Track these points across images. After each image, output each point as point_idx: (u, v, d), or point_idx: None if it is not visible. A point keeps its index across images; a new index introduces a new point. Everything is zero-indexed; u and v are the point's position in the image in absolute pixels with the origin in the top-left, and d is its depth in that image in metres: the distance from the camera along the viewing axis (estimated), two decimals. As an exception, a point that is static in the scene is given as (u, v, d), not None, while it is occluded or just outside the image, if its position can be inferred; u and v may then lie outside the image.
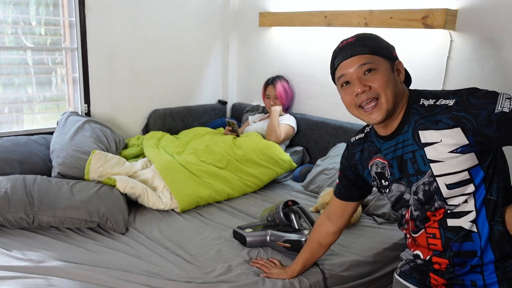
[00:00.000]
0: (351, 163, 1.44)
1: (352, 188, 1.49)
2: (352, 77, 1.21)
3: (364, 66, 1.19)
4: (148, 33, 3.18)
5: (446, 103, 1.14)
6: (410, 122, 1.21)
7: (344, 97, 1.27)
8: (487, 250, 1.18)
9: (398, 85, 1.21)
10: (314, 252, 1.66)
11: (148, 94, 3.29)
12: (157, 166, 2.48)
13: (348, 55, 1.21)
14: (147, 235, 2.03)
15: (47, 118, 2.95)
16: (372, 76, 1.19)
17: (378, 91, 1.19)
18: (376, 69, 1.19)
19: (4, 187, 2.04)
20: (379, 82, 1.18)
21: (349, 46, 1.22)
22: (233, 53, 3.66)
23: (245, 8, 3.52)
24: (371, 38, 1.23)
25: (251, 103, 3.59)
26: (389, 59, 1.21)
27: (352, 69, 1.20)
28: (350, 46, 1.22)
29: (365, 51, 1.19)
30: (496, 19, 2.24)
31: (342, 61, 1.23)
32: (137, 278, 1.66)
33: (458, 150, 1.13)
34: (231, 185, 2.57)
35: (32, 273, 1.65)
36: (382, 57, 1.20)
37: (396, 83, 1.21)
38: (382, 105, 1.19)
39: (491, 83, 2.28)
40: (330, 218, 1.58)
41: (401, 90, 1.22)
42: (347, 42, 1.24)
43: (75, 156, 2.40)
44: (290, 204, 1.97)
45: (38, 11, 2.78)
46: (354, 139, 1.45)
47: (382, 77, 1.18)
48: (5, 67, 2.72)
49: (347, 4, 2.83)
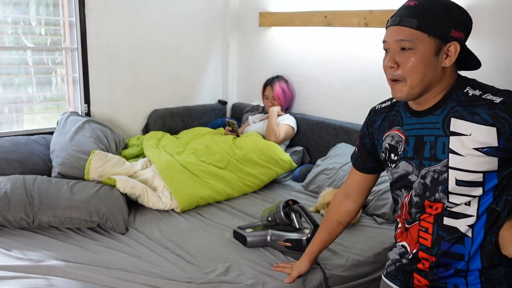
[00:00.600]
0: (369, 130, 1.38)
1: (369, 159, 1.42)
2: (390, 46, 1.16)
3: (402, 42, 1.12)
4: (148, 33, 3.18)
5: (492, 98, 1.09)
6: (446, 106, 1.14)
7: (383, 60, 1.20)
8: (476, 257, 1.16)
9: (436, 69, 1.12)
10: (332, 232, 1.59)
11: (148, 94, 3.29)
12: (157, 166, 2.48)
13: (396, 21, 1.13)
14: (147, 235, 2.03)
15: (47, 118, 2.95)
16: (406, 55, 1.12)
17: (404, 73, 1.13)
18: (413, 49, 1.11)
19: (4, 187, 2.04)
20: (410, 65, 1.12)
21: (405, 10, 1.14)
22: (233, 53, 3.66)
23: (245, 8, 3.52)
24: (431, 9, 1.10)
25: (251, 103, 3.59)
26: (440, 38, 1.10)
27: (392, 39, 1.14)
28: (406, 10, 1.13)
29: (413, 24, 1.10)
30: (496, 19, 2.24)
31: (391, 25, 1.15)
32: (137, 278, 1.66)
33: (484, 149, 1.08)
34: (231, 185, 2.57)
35: (32, 273, 1.65)
36: (429, 36, 1.10)
37: (434, 68, 1.12)
38: (404, 88, 1.14)
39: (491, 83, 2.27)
40: (349, 196, 1.51)
41: (438, 75, 1.13)
42: (408, 3, 1.15)
43: (75, 156, 2.40)
44: (290, 203, 1.97)
45: (38, 11, 2.78)
46: (379, 106, 1.37)
47: (415, 60, 1.11)
48: (5, 67, 2.72)
49: (347, 4, 2.83)
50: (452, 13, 1.11)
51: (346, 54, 2.90)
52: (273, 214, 1.97)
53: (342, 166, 2.64)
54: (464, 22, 1.13)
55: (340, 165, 2.65)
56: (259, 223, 2.08)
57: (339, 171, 2.63)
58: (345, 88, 2.94)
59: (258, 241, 1.95)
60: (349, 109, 2.93)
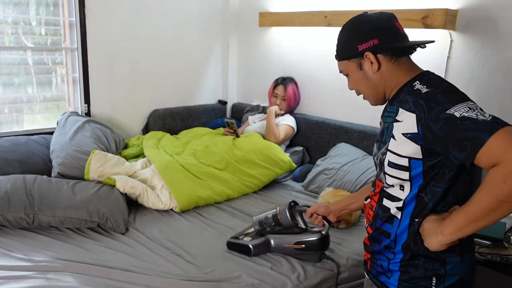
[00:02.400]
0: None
1: None
2: None
3: (341, 73, 1.36)
4: (148, 33, 3.18)
5: (422, 88, 1.18)
6: (399, 97, 1.25)
7: None
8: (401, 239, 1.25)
9: (371, 77, 1.28)
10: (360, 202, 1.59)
11: (148, 94, 3.29)
12: (157, 166, 2.48)
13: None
14: (147, 235, 2.03)
15: (47, 118, 2.95)
16: (350, 80, 1.35)
17: (358, 92, 1.36)
18: (348, 73, 1.33)
19: (4, 187, 2.05)
20: (355, 85, 1.34)
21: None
22: (233, 53, 3.66)
23: (245, 8, 3.52)
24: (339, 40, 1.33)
25: (251, 103, 3.59)
26: (354, 57, 1.28)
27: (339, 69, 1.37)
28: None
29: (336, 58, 1.35)
30: (496, 19, 2.24)
31: None
32: (137, 278, 1.66)
33: (407, 135, 1.16)
34: (231, 186, 2.57)
35: (32, 273, 1.65)
36: (348, 60, 1.30)
37: (368, 77, 1.28)
38: (368, 99, 1.36)
39: (491, 83, 2.28)
40: None
41: (378, 79, 1.28)
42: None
43: (75, 156, 2.40)
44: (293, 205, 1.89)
45: (38, 11, 2.78)
46: None
47: (355, 81, 1.33)
48: (5, 67, 2.72)
49: (347, 4, 2.83)
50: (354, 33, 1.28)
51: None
52: (272, 217, 1.87)
53: (342, 166, 2.64)
54: (369, 31, 1.25)
55: (340, 165, 2.65)
56: (249, 229, 1.98)
57: (339, 171, 2.63)
58: (345, 88, 2.90)
59: (263, 249, 1.88)
60: (349, 109, 2.93)
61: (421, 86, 1.19)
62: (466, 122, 1.04)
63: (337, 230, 2.17)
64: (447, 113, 1.07)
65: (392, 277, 1.28)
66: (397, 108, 1.21)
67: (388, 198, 1.27)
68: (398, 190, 1.24)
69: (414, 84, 1.21)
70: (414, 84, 1.21)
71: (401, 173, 1.21)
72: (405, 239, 1.24)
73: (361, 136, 2.79)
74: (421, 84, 1.20)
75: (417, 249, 1.22)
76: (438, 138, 1.09)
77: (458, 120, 1.05)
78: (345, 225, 2.21)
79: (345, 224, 2.21)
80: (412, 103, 1.15)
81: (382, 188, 1.30)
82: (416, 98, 1.15)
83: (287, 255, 1.87)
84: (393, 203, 1.26)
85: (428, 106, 1.11)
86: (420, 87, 1.19)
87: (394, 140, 1.21)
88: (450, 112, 1.07)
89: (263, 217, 1.91)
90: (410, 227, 1.22)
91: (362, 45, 1.25)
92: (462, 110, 1.06)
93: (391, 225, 1.26)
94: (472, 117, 1.05)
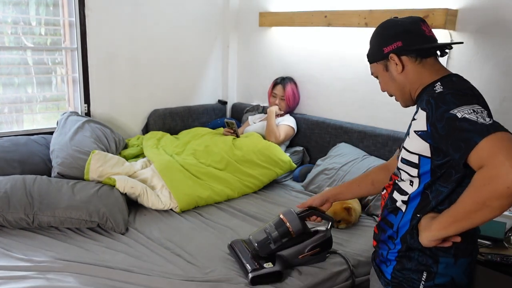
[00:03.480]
0: None
1: None
2: None
3: (372, 75, 1.43)
4: (148, 33, 3.18)
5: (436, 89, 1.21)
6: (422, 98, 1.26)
7: None
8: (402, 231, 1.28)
9: (396, 79, 1.34)
10: (362, 187, 1.63)
11: (148, 94, 3.29)
12: (157, 166, 2.48)
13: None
14: (147, 235, 2.03)
15: (47, 118, 2.95)
16: (380, 81, 1.41)
17: (388, 92, 1.41)
18: (378, 75, 1.40)
19: (4, 187, 2.04)
20: (382, 87, 1.41)
21: None
22: (233, 53, 3.66)
23: (245, 8, 3.52)
24: (370, 44, 1.40)
25: (251, 103, 3.59)
26: (380, 59, 1.35)
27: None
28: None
29: (368, 60, 1.41)
30: (496, 19, 2.24)
31: None
32: (137, 278, 1.66)
33: (419, 132, 1.20)
34: (231, 186, 2.57)
35: (32, 273, 1.65)
36: (376, 63, 1.37)
37: (393, 78, 1.34)
38: (398, 100, 1.40)
39: (491, 83, 2.28)
40: (390, 168, 1.54)
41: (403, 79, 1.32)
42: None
43: (74, 156, 2.40)
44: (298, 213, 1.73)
45: (38, 11, 2.78)
46: None
47: (383, 82, 1.39)
48: (5, 67, 2.72)
49: (347, 4, 2.83)
50: (380, 36, 1.36)
51: (346, 54, 2.90)
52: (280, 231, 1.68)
53: (342, 166, 2.64)
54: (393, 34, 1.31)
55: (340, 165, 2.65)
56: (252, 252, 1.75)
57: (339, 171, 2.63)
58: (345, 88, 2.94)
59: (287, 270, 1.72)
60: (349, 109, 2.93)
61: (440, 87, 1.21)
62: (465, 123, 1.06)
63: (337, 231, 2.17)
64: (450, 113, 1.09)
65: (390, 266, 1.33)
66: (417, 107, 1.26)
67: (398, 191, 1.32)
68: (408, 185, 1.28)
69: (435, 85, 1.24)
70: (435, 85, 1.23)
71: (411, 170, 1.25)
72: (405, 231, 1.28)
73: (361, 136, 2.79)
74: (441, 85, 1.22)
75: (413, 242, 1.25)
76: (441, 136, 1.11)
77: (458, 121, 1.07)
78: (345, 225, 2.21)
79: (345, 224, 2.21)
80: (426, 102, 1.18)
81: (395, 181, 1.35)
82: (429, 98, 1.18)
83: (301, 265, 1.75)
84: (401, 196, 1.30)
85: (436, 105, 1.14)
86: (439, 87, 1.21)
87: (408, 138, 1.26)
88: (453, 112, 1.09)
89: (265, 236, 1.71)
90: (412, 221, 1.25)
91: (387, 48, 1.32)
92: (465, 111, 1.08)
93: (395, 216, 1.31)
94: (472, 119, 1.05)
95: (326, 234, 1.76)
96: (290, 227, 1.68)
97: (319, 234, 1.76)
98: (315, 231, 1.77)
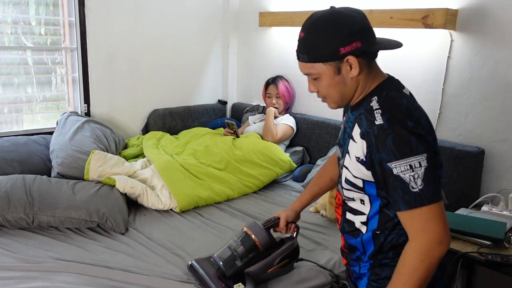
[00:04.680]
0: None
1: None
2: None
3: (308, 75, 1.22)
4: (148, 33, 3.18)
5: (376, 118, 1.12)
6: (359, 109, 1.20)
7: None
8: (368, 249, 1.26)
9: (347, 83, 1.18)
10: (324, 187, 1.63)
11: (148, 94, 3.29)
12: (157, 166, 2.48)
13: (297, 57, 1.22)
14: (147, 235, 2.03)
15: (47, 118, 2.95)
16: (318, 83, 1.21)
17: (324, 95, 1.24)
18: (319, 77, 1.19)
19: (4, 187, 2.04)
20: (324, 89, 1.21)
21: (298, 44, 1.21)
22: (233, 53, 3.66)
23: (245, 8, 3.52)
24: (315, 39, 1.16)
25: (251, 103, 3.59)
26: (333, 60, 1.15)
27: (302, 72, 1.24)
28: (299, 45, 1.21)
29: (306, 59, 1.19)
30: (496, 19, 2.24)
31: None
32: (137, 278, 1.66)
33: (359, 159, 1.16)
34: (231, 186, 2.57)
35: (32, 273, 1.65)
36: (323, 63, 1.16)
37: (343, 83, 1.18)
38: (331, 103, 1.26)
39: (491, 83, 2.28)
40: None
41: (353, 84, 1.19)
42: (299, 36, 1.21)
43: (74, 156, 2.40)
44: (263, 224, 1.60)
45: (38, 11, 2.78)
46: None
47: (325, 85, 1.20)
48: (5, 67, 2.72)
49: (347, 4, 2.82)
50: (334, 32, 1.13)
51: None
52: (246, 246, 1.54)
53: (342, 166, 2.63)
54: (352, 32, 1.13)
55: (340, 165, 2.65)
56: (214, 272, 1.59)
57: (339, 171, 2.62)
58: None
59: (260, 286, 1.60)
60: (349, 109, 2.93)
61: (377, 106, 1.14)
62: (398, 183, 1.08)
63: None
64: (388, 165, 1.09)
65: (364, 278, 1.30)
66: (355, 122, 1.19)
67: (351, 212, 1.28)
68: (360, 205, 1.25)
69: (372, 99, 1.17)
70: (371, 100, 1.16)
71: (357, 192, 1.22)
72: (372, 249, 1.25)
73: (361, 136, 2.78)
74: (378, 102, 1.15)
75: (382, 257, 1.24)
76: (378, 176, 1.13)
77: (392, 177, 1.08)
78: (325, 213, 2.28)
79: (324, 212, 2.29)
80: (366, 131, 1.13)
81: (344, 201, 1.30)
82: (369, 129, 1.12)
83: (270, 280, 1.63)
84: (357, 216, 1.26)
85: (376, 147, 1.10)
86: (376, 107, 1.14)
87: (349, 158, 1.20)
88: (390, 166, 1.08)
89: (230, 253, 1.56)
90: (375, 239, 1.24)
91: (346, 48, 1.13)
92: (402, 167, 1.07)
93: (356, 238, 1.28)
94: (405, 181, 1.07)
95: (293, 243, 1.64)
96: (256, 240, 1.53)
97: (287, 244, 1.62)
98: (281, 240, 1.64)
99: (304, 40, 1.18)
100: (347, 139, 1.22)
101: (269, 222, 1.57)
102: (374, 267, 1.27)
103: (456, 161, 2.31)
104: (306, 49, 1.18)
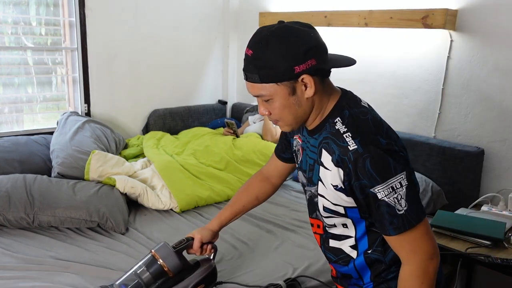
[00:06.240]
0: None
1: (288, 150, 1.41)
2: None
3: (259, 96, 1.10)
4: (148, 33, 3.18)
5: (348, 143, 1.06)
6: (321, 133, 1.13)
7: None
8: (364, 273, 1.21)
9: (302, 103, 1.09)
10: (247, 205, 1.52)
11: (148, 94, 3.29)
12: (157, 166, 2.49)
13: (245, 77, 1.11)
14: (147, 235, 2.03)
15: (47, 118, 2.95)
16: (270, 105, 1.11)
17: (276, 118, 1.14)
18: (271, 98, 1.09)
19: (5, 186, 2.05)
20: (276, 111, 1.11)
21: (246, 63, 1.10)
22: (233, 53, 3.66)
23: (245, 8, 3.52)
24: (265, 58, 1.05)
25: (251, 103, 3.59)
26: (287, 80, 1.05)
27: (252, 93, 1.12)
28: (247, 64, 1.09)
29: (256, 79, 1.07)
30: (496, 19, 2.24)
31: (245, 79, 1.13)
32: (137, 278, 1.66)
33: (337, 188, 1.10)
34: (231, 186, 2.57)
35: (32, 273, 1.65)
36: (276, 83, 1.06)
37: (298, 103, 1.09)
38: (284, 126, 1.16)
39: (491, 83, 2.28)
40: (269, 178, 1.51)
41: (309, 105, 1.11)
42: (246, 54, 1.09)
43: (74, 156, 2.40)
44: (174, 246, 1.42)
45: (38, 11, 2.78)
46: None
47: (278, 106, 1.10)
48: (5, 67, 2.72)
49: (347, 4, 2.83)
50: (288, 50, 1.03)
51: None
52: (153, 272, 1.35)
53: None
54: (306, 49, 1.04)
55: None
56: None
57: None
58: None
59: None
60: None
61: (344, 129, 1.08)
62: (383, 208, 1.05)
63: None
64: (371, 191, 1.05)
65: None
66: (321, 148, 1.12)
67: (335, 239, 1.22)
68: (343, 228, 1.19)
69: (335, 121, 1.10)
70: (335, 122, 1.10)
71: (339, 218, 1.17)
72: (369, 273, 1.21)
73: (361, 136, 2.78)
74: (343, 124, 1.09)
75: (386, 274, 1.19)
76: (361, 204, 1.10)
77: (378, 202, 1.05)
78: None
79: None
80: (340, 158, 1.06)
81: (325, 228, 1.24)
82: (343, 156, 1.06)
83: None
84: (344, 241, 1.21)
85: (356, 174, 1.05)
86: (343, 130, 1.08)
87: (324, 186, 1.13)
88: (374, 191, 1.04)
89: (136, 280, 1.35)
90: (368, 261, 1.19)
91: (300, 66, 1.03)
92: (386, 191, 1.04)
93: (349, 265, 1.22)
94: (390, 205, 1.04)
95: (210, 265, 1.46)
96: (164, 265, 1.35)
97: (203, 267, 1.44)
98: (197, 263, 1.45)
99: (253, 58, 1.06)
100: (314, 165, 1.16)
101: (181, 244, 1.42)
102: (379, 285, 1.21)
103: (456, 161, 2.31)
104: (256, 68, 1.06)
